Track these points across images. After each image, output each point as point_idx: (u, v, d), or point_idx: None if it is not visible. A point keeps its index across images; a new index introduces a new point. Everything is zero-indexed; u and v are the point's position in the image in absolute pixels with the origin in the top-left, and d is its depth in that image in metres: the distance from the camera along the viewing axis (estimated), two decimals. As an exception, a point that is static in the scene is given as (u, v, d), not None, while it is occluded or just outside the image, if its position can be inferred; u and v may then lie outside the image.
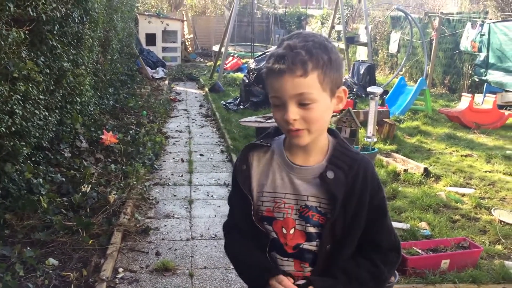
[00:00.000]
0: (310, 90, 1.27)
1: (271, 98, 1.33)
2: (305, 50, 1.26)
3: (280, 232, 1.39)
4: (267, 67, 1.30)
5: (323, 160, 1.38)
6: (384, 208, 1.41)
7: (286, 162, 1.40)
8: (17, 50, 3.64)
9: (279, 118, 1.31)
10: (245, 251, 1.45)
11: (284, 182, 1.39)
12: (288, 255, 1.40)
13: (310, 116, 1.29)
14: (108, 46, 7.63)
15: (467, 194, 4.96)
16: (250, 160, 1.44)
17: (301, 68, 1.25)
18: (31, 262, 3.15)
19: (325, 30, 16.74)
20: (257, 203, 1.42)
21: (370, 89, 4.29)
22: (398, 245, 1.44)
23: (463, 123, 8.06)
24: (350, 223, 1.36)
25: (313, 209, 1.36)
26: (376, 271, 1.39)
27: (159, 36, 15.96)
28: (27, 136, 3.95)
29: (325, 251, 1.37)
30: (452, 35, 11.55)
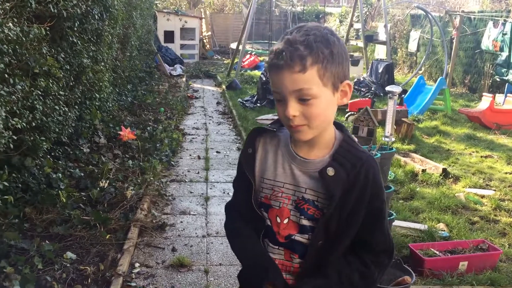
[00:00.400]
0: (309, 85, 1.25)
1: (273, 93, 1.32)
2: (304, 45, 1.24)
3: (274, 220, 1.40)
4: (268, 62, 1.30)
5: (326, 155, 1.36)
6: (382, 211, 1.38)
7: (290, 152, 1.40)
8: (38, 46, 3.68)
9: (281, 113, 1.31)
10: (245, 236, 1.45)
11: (285, 172, 1.39)
12: (279, 244, 1.40)
13: (310, 112, 1.27)
14: (127, 43, 7.69)
15: (486, 196, 4.88)
16: (256, 145, 1.44)
17: (299, 64, 1.23)
18: (49, 255, 3.19)
19: (344, 28, 16.63)
20: (257, 188, 1.42)
21: (389, 88, 4.22)
22: (391, 249, 1.42)
23: (484, 123, 7.93)
24: (345, 222, 1.33)
25: (309, 202, 1.36)
26: (366, 272, 1.37)
27: (177, 33, 16.04)
28: (47, 131, 4.00)
29: (317, 246, 1.35)
30: (473, 34, 11.37)
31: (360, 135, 6.15)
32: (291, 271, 1.40)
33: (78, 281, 3.08)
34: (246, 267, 1.46)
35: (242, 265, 1.49)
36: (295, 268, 1.39)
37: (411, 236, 3.82)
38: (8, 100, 3.17)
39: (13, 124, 3.31)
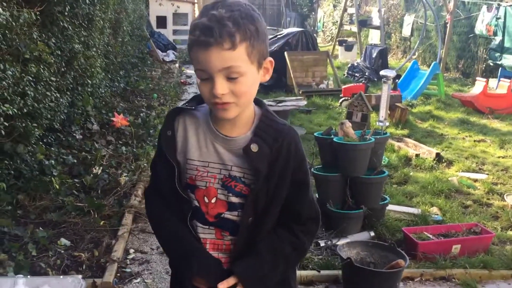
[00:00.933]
0: (238, 63, 1.23)
1: (196, 71, 1.27)
2: (232, 21, 1.21)
3: (202, 200, 1.38)
4: (192, 39, 1.23)
5: (248, 132, 1.35)
6: (306, 181, 1.40)
7: (211, 130, 1.37)
8: (28, 31, 3.63)
9: (206, 91, 1.26)
10: (169, 223, 1.41)
11: (209, 151, 1.37)
12: (209, 224, 1.38)
13: (238, 89, 1.25)
14: (119, 28, 7.61)
15: (479, 180, 4.92)
16: (175, 126, 1.39)
17: (229, 41, 1.20)
18: (43, 242, 3.18)
19: (338, 13, 16.54)
20: (182, 170, 1.39)
21: (383, 73, 4.23)
22: (318, 215, 1.44)
23: (477, 108, 7.96)
24: (272, 195, 1.34)
25: (236, 179, 1.35)
26: (296, 242, 1.40)
27: (170, 18, 15.87)
28: (39, 117, 3.96)
29: (247, 223, 1.35)
30: (467, 18, 11.34)
31: (354, 120, 6.15)
32: (223, 249, 1.40)
33: (72, 268, 3.08)
34: (173, 260, 1.47)
35: (169, 257, 1.49)
36: (227, 246, 1.39)
37: (405, 220, 3.84)
38: (-2, 86, 3.13)
39: (4, 111, 3.28)
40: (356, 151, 3.53)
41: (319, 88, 9.18)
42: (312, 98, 8.44)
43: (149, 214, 1.52)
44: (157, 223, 1.48)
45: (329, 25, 18.69)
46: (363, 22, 12.97)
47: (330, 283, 3.08)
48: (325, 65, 9.62)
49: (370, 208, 3.60)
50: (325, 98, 8.47)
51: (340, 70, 11.21)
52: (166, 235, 1.44)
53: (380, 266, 2.89)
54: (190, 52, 1.27)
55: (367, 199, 3.60)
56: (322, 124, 6.73)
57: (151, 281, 3.07)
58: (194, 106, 1.41)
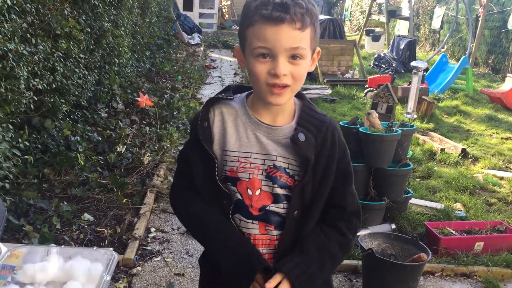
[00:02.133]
0: (304, 45, 1.21)
1: (255, 49, 1.21)
2: (304, 2, 1.19)
3: (245, 193, 1.31)
4: (262, 14, 1.17)
5: (292, 122, 1.32)
6: (350, 172, 1.38)
7: (252, 120, 1.32)
8: (60, 7, 3.66)
9: (263, 71, 1.21)
10: (220, 220, 1.33)
11: (250, 141, 1.31)
12: (253, 218, 1.32)
13: (298, 72, 1.22)
14: (147, 9, 7.62)
15: (505, 178, 4.82)
16: (211, 117, 1.33)
17: (300, 21, 1.18)
18: (67, 216, 3.24)
19: (366, 2, 16.27)
20: (220, 162, 1.32)
21: (414, 64, 4.14)
22: (360, 210, 1.41)
23: (506, 105, 7.78)
24: (319, 187, 1.32)
25: (281, 169, 1.30)
26: (343, 240, 1.36)
27: (197, 1, 15.87)
28: (67, 93, 4.01)
29: (293, 216, 1.31)
30: (500, 12, 11.04)
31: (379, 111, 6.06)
32: (267, 244, 1.34)
33: (95, 242, 3.13)
34: (225, 262, 1.33)
35: (215, 257, 1.36)
36: (272, 241, 1.34)
37: (427, 215, 3.79)
38: (30, 60, 3.17)
39: (34, 85, 3.32)
40: (382, 142, 3.48)
41: (344, 77, 9.07)
42: (336, 87, 8.35)
43: (186, 214, 1.41)
44: (195, 220, 1.39)
45: (356, 14, 18.42)
46: (392, 12, 12.74)
47: (349, 272, 3.06)
48: (351, 54, 9.50)
49: (393, 200, 3.56)
50: (350, 88, 8.38)
51: (366, 60, 11.07)
52: (213, 236, 1.35)
53: (401, 259, 2.86)
54: (248, 28, 1.22)
55: (390, 191, 3.56)
56: (346, 114, 6.66)
57: (171, 260, 3.10)
58: (230, 95, 1.35)
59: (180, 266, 3.04)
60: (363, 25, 13.90)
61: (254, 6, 1.20)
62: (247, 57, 1.25)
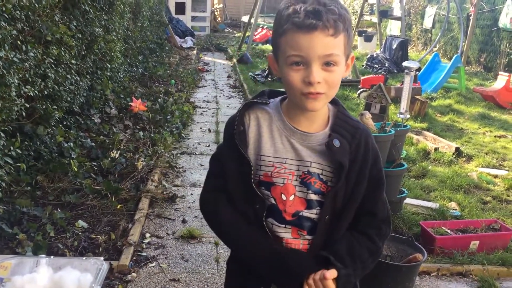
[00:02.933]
0: (338, 51, 1.21)
1: (288, 57, 1.21)
2: (337, 8, 1.19)
3: (279, 198, 1.33)
4: (294, 22, 1.18)
5: (326, 128, 1.33)
6: (381, 179, 1.39)
7: (287, 127, 1.33)
8: (51, 14, 3.64)
9: (298, 79, 1.22)
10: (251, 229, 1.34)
11: (285, 147, 1.32)
12: (286, 222, 1.34)
13: (332, 79, 1.23)
14: (138, 13, 7.61)
15: (499, 176, 4.83)
16: (246, 121, 1.35)
17: (333, 27, 1.18)
18: (61, 223, 3.21)
19: (358, 3, 16.32)
20: (254, 167, 1.33)
21: (406, 64, 4.14)
22: (390, 218, 1.43)
23: (498, 103, 7.82)
24: (351, 193, 1.32)
25: (315, 176, 1.31)
26: (373, 248, 1.37)
27: (189, 5, 15.85)
28: (59, 100, 3.99)
29: (325, 221, 1.33)
30: (491, 11, 11.10)
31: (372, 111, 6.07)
32: (300, 248, 1.36)
33: (89, 249, 3.11)
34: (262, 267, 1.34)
35: (250, 261, 1.37)
36: (304, 245, 1.36)
37: (422, 214, 3.80)
38: (20, 68, 3.15)
39: (25, 92, 3.30)
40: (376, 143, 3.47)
41: (338, 78, 9.07)
42: (330, 88, 8.35)
43: (219, 219, 1.40)
44: (232, 228, 1.38)
45: (348, 15, 18.45)
46: (383, 13, 12.77)
47: (345, 274, 3.06)
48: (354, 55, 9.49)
49: (388, 200, 3.55)
50: (343, 89, 8.39)
51: (359, 61, 11.10)
52: (245, 247, 1.37)
53: (397, 260, 2.86)
54: (281, 37, 1.22)
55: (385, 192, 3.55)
56: (340, 115, 6.67)
57: (167, 265, 3.08)
58: (266, 100, 1.37)
59: (176, 272, 3.03)
60: (355, 25, 13.91)
61: (286, 14, 1.21)
62: (281, 65, 1.26)
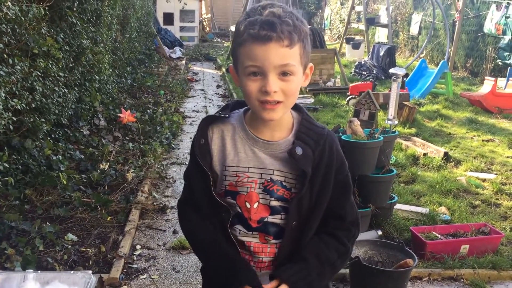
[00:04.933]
0: (293, 61, 1.24)
1: (246, 68, 1.24)
2: (291, 19, 1.22)
3: (244, 206, 1.37)
4: (250, 33, 1.21)
5: (289, 136, 1.36)
6: (348, 183, 1.42)
7: (250, 136, 1.36)
8: (37, 26, 3.63)
9: (255, 89, 1.25)
10: (210, 236, 1.40)
11: (248, 156, 1.36)
12: (253, 229, 1.38)
13: (289, 88, 1.26)
14: (126, 25, 7.61)
15: (488, 180, 4.88)
16: (209, 134, 1.39)
17: (288, 38, 1.21)
18: (50, 237, 3.18)
19: (345, 11, 16.47)
20: (220, 177, 1.37)
21: (393, 71, 4.18)
22: (358, 220, 1.46)
23: (485, 107, 7.90)
24: (316, 199, 1.35)
25: (278, 183, 1.34)
26: (342, 249, 1.40)
27: (177, 15, 15.89)
28: (47, 112, 3.97)
29: (291, 227, 1.35)
30: (476, 17, 11.25)
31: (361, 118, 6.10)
32: (267, 253, 1.39)
33: (79, 263, 3.08)
34: (215, 271, 1.43)
35: (208, 267, 1.48)
36: (271, 249, 1.39)
37: (413, 220, 3.82)
38: (7, 81, 3.13)
39: (12, 105, 3.28)
40: (365, 149, 3.50)
41: (326, 86, 9.13)
42: (319, 96, 8.41)
43: (186, 228, 1.49)
44: (191, 233, 1.47)
45: (336, 22, 18.62)
46: (370, 20, 12.90)
47: (337, 281, 3.06)
48: (332, 63, 9.57)
49: (378, 207, 3.58)
50: (332, 96, 8.44)
51: (347, 68, 11.17)
52: (206, 247, 1.42)
53: (388, 265, 2.87)
54: (239, 48, 1.25)
55: (375, 198, 3.58)
56: (329, 122, 6.70)
57: (158, 277, 3.06)
58: (227, 113, 1.41)
59: (167, 283, 3.01)
60: (343, 33, 14.05)
61: (243, 26, 1.25)
62: (240, 76, 1.30)
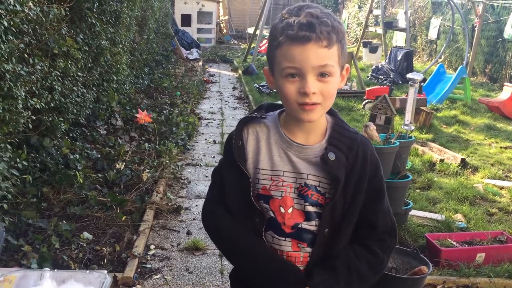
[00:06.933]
0: (332, 62, 1.24)
1: (283, 69, 1.24)
2: (329, 20, 1.22)
3: (278, 211, 1.34)
4: (288, 35, 1.21)
5: (322, 140, 1.34)
6: (381, 189, 1.38)
7: (284, 139, 1.34)
8: (58, 27, 3.69)
9: (293, 90, 1.24)
10: (249, 237, 1.36)
11: (283, 160, 1.34)
12: (286, 235, 1.35)
13: (327, 90, 1.25)
14: (144, 26, 7.68)
15: (505, 187, 4.80)
16: (244, 136, 1.37)
17: (327, 39, 1.21)
18: (66, 235, 3.22)
19: (363, 14, 16.39)
20: (253, 180, 1.35)
21: (410, 75, 4.16)
22: (394, 229, 1.40)
23: (504, 114, 7.79)
24: (349, 205, 1.33)
25: (312, 188, 1.32)
26: (374, 260, 1.36)
27: (195, 17, 15.97)
28: (65, 112, 4.02)
29: (323, 234, 1.33)
30: (496, 22, 11.11)
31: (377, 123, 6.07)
32: (300, 262, 1.37)
33: (94, 261, 3.11)
34: (257, 272, 1.36)
35: (247, 269, 1.39)
36: (304, 258, 1.36)
37: (428, 226, 3.78)
38: (27, 80, 3.18)
39: (32, 104, 3.33)
40: (380, 154, 3.44)
41: (342, 89, 9.09)
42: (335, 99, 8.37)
43: (218, 228, 1.42)
44: (229, 237, 1.40)
45: (353, 26, 18.53)
46: (388, 24, 12.82)
47: None
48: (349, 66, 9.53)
49: (393, 212, 3.52)
50: (348, 100, 8.41)
51: (364, 72, 11.11)
52: (245, 249, 1.37)
53: (402, 272, 2.84)
54: (276, 50, 1.25)
55: (390, 203, 3.52)
56: (345, 126, 6.67)
57: (171, 277, 3.08)
58: (263, 114, 1.39)
59: (180, 284, 3.02)
60: (360, 37, 13.98)
61: (280, 27, 1.24)
62: (276, 78, 1.29)
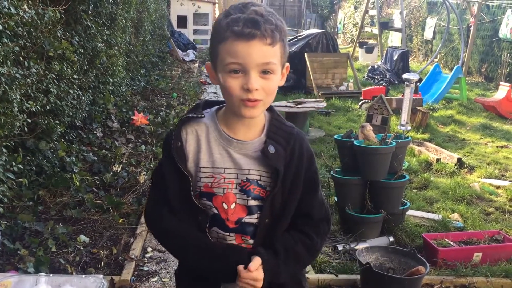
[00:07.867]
0: (275, 60, 1.26)
1: (227, 65, 1.24)
2: (273, 19, 1.24)
3: (221, 207, 1.37)
4: (233, 31, 1.21)
5: (261, 135, 1.37)
6: (316, 181, 1.43)
7: (223, 137, 1.36)
8: (53, 29, 3.67)
9: (236, 86, 1.25)
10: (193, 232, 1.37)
11: (223, 157, 1.36)
12: (230, 230, 1.38)
13: (269, 87, 1.27)
14: (140, 28, 7.68)
15: (502, 187, 4.82)
16: (183, 136, 1.38)
17: (271, 36, 1.23)
18: (63, 238, 3.21)
19: (358, 14, 16.42)
20: (194, 179, 1.37)
21: (406, 76, 4.17)
22: (328, 216, 1.47)
23: (500, 113, 7.81)
24: (288, 196, 1.37)
25: (254, 182, 1.36)
26: (310, 244, 1.42)
27: (191, 18, 15.98)
28: (61, 114, 4.01)
29: (264, 225, 1.37)
30: (491, 21, 11.15)
31: (374, 123, 6.08)
32: None
33: (91, 264, 3.10)
34: (206, 264, 1.37)
35: (195, 262, 1.40)
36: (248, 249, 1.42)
37: (425, 226, 3.78)
38: (23, 83, 3.17)
39: (27, 107, 3.32)
40: (377, 155, 3.48)
41: (339, 90, 9.11)
42: (331, 100, 8.39)
43: (164, 229, 1.42)
44: (175, 235, 1.40)
45: (349, 26, 18.57)
46: (384, 24, 12.86)
47: (348, 287, 3.04)
48: (345, 67, 9.55)
49: (390, 212, 3.55)
50: (345, 100, 8.42)
51: (360, 72, 11.13)
52: (191, 243, 1.38)
53: (400, 272, 2.84)
54: (219, 45, 1.25)
55: (387, 204, 3.55)
56: (341, 127, 6.68)
57: (168, 280, 3.07)
58: (201, 113, 1.40)
59: (178, 286, 3.01)
60: (356, 37, 14.00)
61: (225, 23, 1.25)
62: (219, 73, 1.29)
